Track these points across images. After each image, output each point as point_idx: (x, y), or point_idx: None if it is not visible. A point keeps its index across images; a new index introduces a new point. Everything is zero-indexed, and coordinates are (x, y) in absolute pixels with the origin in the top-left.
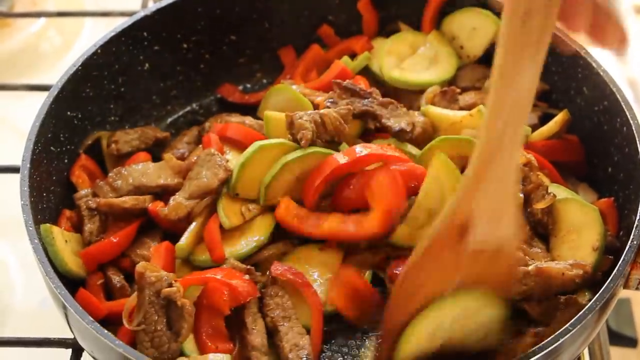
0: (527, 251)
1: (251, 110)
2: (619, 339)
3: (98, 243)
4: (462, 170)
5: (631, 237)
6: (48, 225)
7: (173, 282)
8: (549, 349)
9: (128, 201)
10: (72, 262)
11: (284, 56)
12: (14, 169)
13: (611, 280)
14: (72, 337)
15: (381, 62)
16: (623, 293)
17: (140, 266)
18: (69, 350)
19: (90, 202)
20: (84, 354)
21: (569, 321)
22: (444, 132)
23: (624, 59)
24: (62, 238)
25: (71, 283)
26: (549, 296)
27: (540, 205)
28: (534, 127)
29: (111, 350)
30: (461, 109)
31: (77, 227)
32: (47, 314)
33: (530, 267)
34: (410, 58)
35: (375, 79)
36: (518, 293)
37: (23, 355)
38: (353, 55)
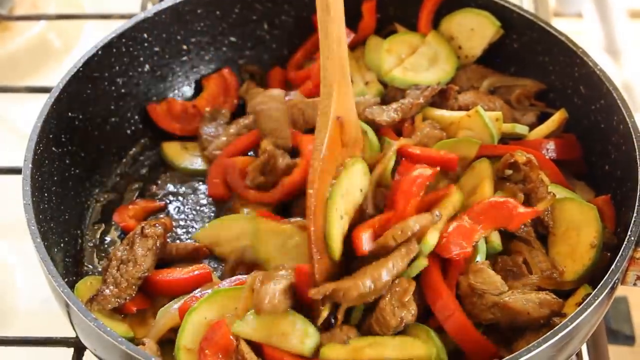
0: (496, 280)
1: None
2: (616, 336)
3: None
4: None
5: (628, 233)
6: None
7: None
8: (547, 344)
9: None
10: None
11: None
12: (15, 170)
13: (609, 275)
14: (74, 335)
15: (381, 61)
16: (621, 290)
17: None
18: (71, 350)
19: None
20: (86, 352)
21: (537, 339)
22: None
23: (619, 63)
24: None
25: (72, 283)
26: (516, 327)
27: (541, 205)
28: (532, 126)
29: (114, 347)
30: (460, 108)
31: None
32: (49, 313)
33: (499, 300)
34: (410, 57)
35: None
36: (485, 320)
37: (26, 355)
38: None
